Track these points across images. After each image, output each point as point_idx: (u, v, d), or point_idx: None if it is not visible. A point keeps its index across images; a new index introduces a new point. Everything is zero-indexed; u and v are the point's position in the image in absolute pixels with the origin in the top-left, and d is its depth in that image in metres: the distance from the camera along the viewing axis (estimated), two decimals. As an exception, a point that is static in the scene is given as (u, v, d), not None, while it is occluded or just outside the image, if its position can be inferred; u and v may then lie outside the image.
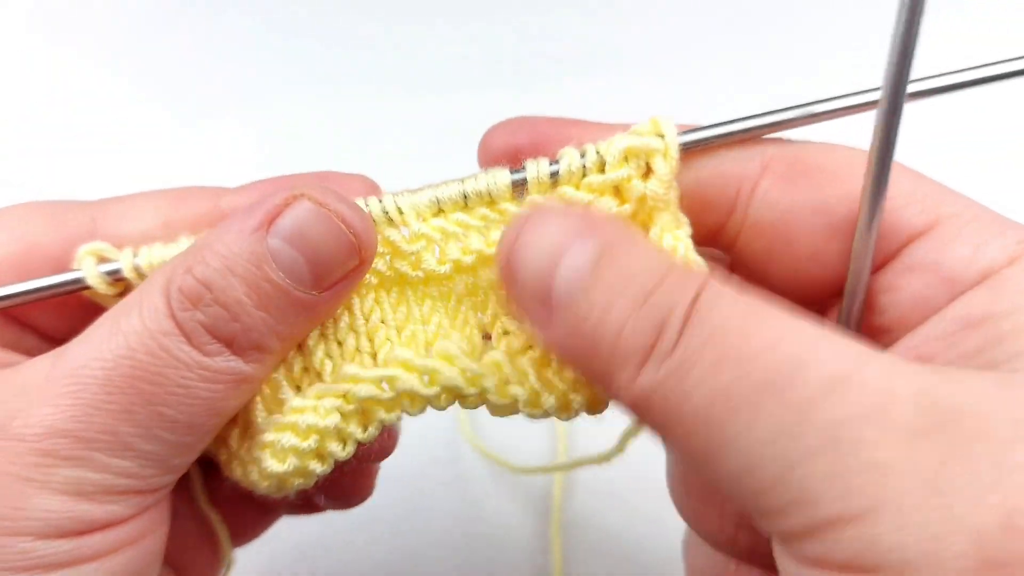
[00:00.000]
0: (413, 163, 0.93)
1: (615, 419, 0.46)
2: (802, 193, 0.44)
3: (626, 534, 0.84)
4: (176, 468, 0.43)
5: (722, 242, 0.48)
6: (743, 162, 0.45)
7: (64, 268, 0.47)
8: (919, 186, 0.43)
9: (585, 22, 1.11)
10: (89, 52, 1.10)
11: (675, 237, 0.46)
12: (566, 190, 0.46)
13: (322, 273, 0.42)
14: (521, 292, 0.41)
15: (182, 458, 0.43)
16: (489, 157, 0.47)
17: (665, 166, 0.45)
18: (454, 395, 0.46)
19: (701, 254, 0.46)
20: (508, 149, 0.47)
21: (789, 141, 0.46)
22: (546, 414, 0.46)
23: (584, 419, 0.47)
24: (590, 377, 0.42)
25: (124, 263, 0.47)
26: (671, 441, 0.38)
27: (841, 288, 0.44)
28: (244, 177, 1.16)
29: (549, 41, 1.11)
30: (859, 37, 1.09)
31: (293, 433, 0.45)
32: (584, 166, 0.46)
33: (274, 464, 0.45)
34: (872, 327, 0.44)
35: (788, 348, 0.34)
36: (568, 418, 0.46)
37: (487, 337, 0.48)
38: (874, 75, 0.41)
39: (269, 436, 0.45)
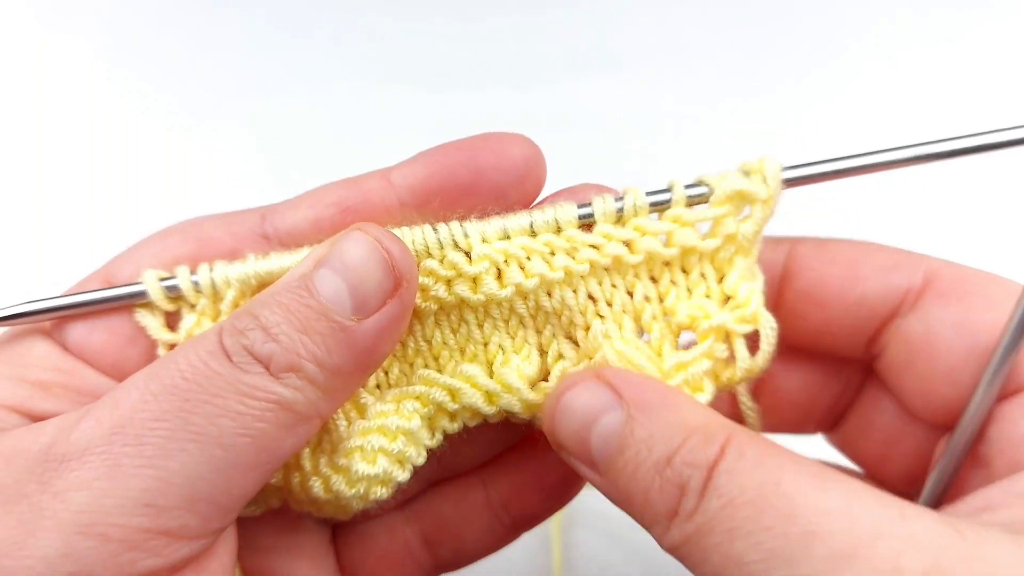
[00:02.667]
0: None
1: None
2: (954, 313, 0.46)
3: (628, 533, 0.84)
4: (223, 513, 0.42)
5: (873, 348, 0.50)
6: (908, 272, 0.48)
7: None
8: None
9: (585, 21, 1.12)
10: (89, 50, 1.11)
11: (751, 289, 0.47)
12: (651, 219, 0.47)
13: (362, 297, 0.42)
14: (568, 450, 0.44)
15: (227, 499, 0.41)
16: None
17: (763, 212, 0.46)
18: (509, 415, 0.49)
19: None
20: None
21: (950, 262, 0.48)
22: None
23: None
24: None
25: (181, 277, 0.48)
26: None
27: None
28: (243, 177, 1.16)
29: (549, 40, 1.12)
30: (860, 36, 1.09)
31: (381, 434, 0.46)
32: (670, 200, 0.47)
33: (365, 467, 0.46)
34: (975, 454, 0.45)
35: (801, 522, 0.35)
36: None
37: (543, 354, 0.50)
38: (873, 77, 0.41)
39: (357, 440, 0.47)
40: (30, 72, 1.09)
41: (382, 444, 0.46)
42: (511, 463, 0.55)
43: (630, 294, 0.48)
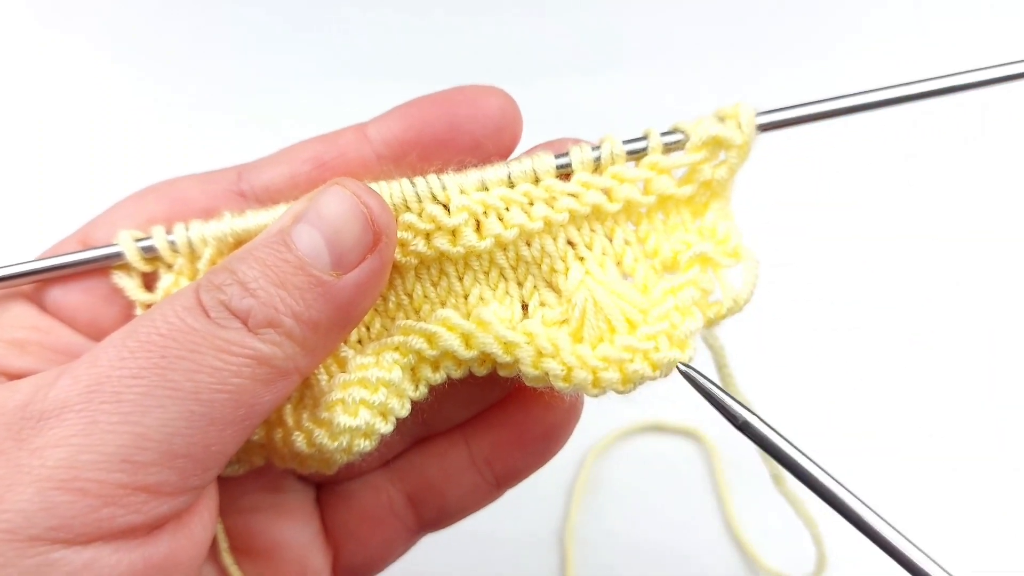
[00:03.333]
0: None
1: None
2: None
3: (632, 533, 0.85)
4: (202, 469, 0.42)
5: None
6: None
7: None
8: None
9: (585, 19, 1.12)
10: (88, 48, 1.10)
11: (729, 227, 0.48)
12: (628, 167, 0.47)
13: (340, 252, 0.42)
14: None
15: (205, 454, 0.41)
16: None
17: (738, 157, 0.47)
18: (491, 361, 0.48)
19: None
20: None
21: None
22: (576, 389, 0.47)
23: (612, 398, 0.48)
24: None
25: (157, 238, 0.48)
26: None
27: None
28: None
29: (549, 38, 1.12)
30: (861, 35, 1.11)
31: (362, 386, 0.46)
32: (646, 148, 0.47)
33: (346, 419, 0.46)
34: None
35: None
36: (598, 395, 0.48)
37: (525, 308, 0.49)
38: (876, 71, 0.43)
39: (338, 394, 0.46)
40: (30, 72, 1.08)
41: (363, 396, 0.46)
42: (494, 420, 0.55)
43: (609, 239, 0.48)
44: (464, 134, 0.47)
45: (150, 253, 0.48)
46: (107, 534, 0.39)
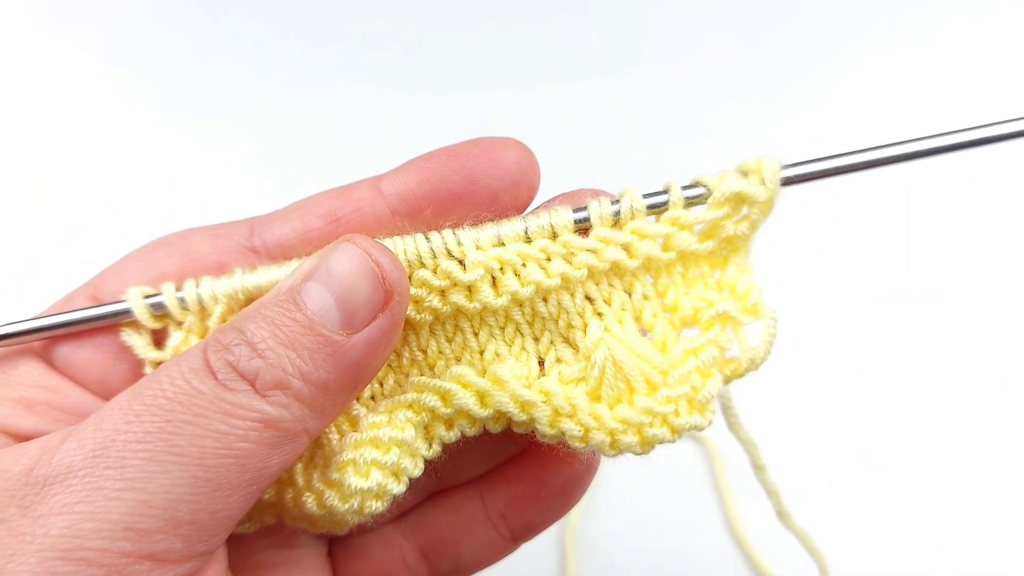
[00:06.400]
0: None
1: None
2: None
3: (633, 534, 0.84)
4: (208, 535, 0.41)
5: None
6: None
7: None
8: None
9: (586, 25, 1.12)
10: (87, 49, 1.10)
11: (749, 283, 0.46)
12: (648, 222, 0.46)
13: (350, 311, 0.41)
14: None
15: (211, 520, 0.40)
16: None
17: (761, 213, 0.45)
18: (506, 419, 0.47)
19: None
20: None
21: None
22: (593, 449, 0.46)
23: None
24: None
25: (167, 294, 0.47)
26: None
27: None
28: (242, 176, 1.15)
29: (551, 44, 1.12)
30: (862, 37, 1.09)
31: (374, 447, 0.45)
32: (667, 202, 0.46)
33: (358, 480, 0.44)
34: None
35: None
36: (615, 455, 0.47)
37: (541, 363, 0.48)
38: (882, 71, 0.42)
39: (349, 454, 0.45)
40: (29, 72, 1.09)
41: (375, 456, 0.45)
42: (509, 474, 0.54)
43: (628, 293, 0.47)
44: (481, 188, 0.46)
45: (160, 310, 0.47)
46: None
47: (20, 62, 1.09)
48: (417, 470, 0.47)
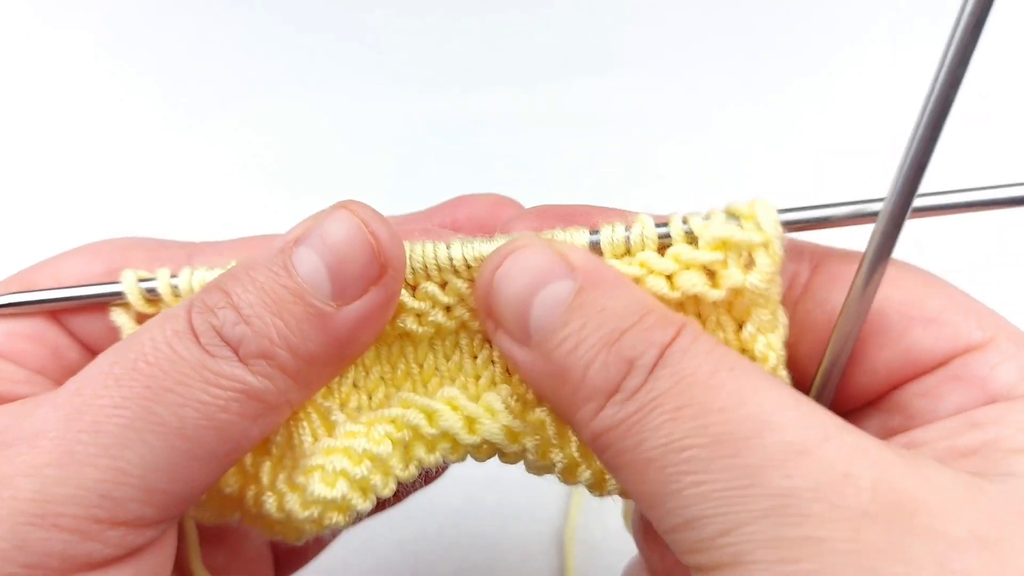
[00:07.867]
0: (413, 163, 0.92)
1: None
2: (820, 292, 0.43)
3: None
4: (181, 502, 0.40)
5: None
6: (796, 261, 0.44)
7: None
8: (977, 304, 0.41)
9: (585, 21, 1.12)
10: (87, 49, 1.12)
11: (768, 344, 0.42)
12: (648, 256, 0.42)
13: (342, 281, 0.40)
14: (500, 314, 0.41)
15: (187, 489, 0.40)
16: None
17: (767, 260, 0.40)
18: (494, 448, 0.45)
19: None
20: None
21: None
22: (579, 483, 0.45)
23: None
24: (556, 409, 0.41)
25: (160, 281, 0.46)
26: (621, 482, 0.38)
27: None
28: (242, 178, 1.17)
29: (550, 40, 1.11)
30: (862, 38, 1.09)
31: (345, 456, 0.43)
32: (664, 235, 0.42)
33: (323, 488, 0.42)
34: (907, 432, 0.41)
35: (753, 408, 0.34)
36: (599, 496, 0.45)
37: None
38: (879, 78, 0.38)
39: (318, 459, 0.43)
40: (29, 72, 1.11)
41: (345, 467, 0.42)
42: None
43: None
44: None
45: (152, 295, 0.47)
46: (83, 567, 0.37)
47: (19, 59, 1.11)
48: (387, 490, 0.44)
